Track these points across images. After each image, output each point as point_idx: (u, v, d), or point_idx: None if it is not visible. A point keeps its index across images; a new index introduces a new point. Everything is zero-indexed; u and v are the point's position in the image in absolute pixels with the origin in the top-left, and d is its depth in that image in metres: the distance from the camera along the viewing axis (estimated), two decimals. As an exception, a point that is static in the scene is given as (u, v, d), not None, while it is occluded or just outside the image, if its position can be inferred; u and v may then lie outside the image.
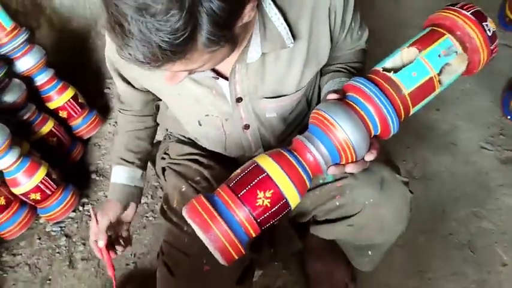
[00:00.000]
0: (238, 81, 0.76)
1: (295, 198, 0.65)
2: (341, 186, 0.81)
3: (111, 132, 1.74)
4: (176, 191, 0.89)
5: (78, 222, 1.44)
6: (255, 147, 0.91)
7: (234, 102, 0.80)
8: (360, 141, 0.64)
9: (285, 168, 0.64)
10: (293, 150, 0.67)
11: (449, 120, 1.68)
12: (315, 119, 0.68)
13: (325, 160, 0.67)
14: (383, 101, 0.64)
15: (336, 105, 0.66)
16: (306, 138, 0.67)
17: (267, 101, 0.81)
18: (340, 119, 0.63)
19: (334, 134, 0.64)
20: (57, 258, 1.35)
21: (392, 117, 0.64)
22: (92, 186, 1.55)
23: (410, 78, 0.64)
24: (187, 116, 0.89)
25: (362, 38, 0.90)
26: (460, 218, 1.40)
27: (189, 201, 0.65)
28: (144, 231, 1.39)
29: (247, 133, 0.87)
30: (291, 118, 0.91)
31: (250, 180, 0.64)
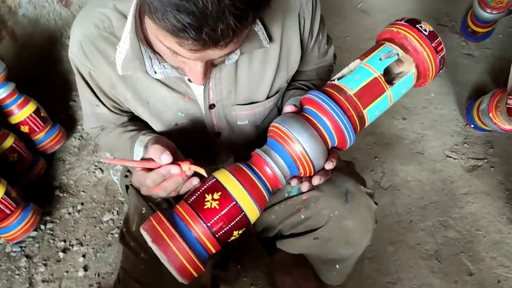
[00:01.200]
0: (212, 86, 0.77)
1: (255, 212, 0.67)
2: (306, 199, 0.83)
3: (76, 146, 1.71)
4: (137, 213, 0.88)
5: (40, 242, 1.41)
6: (226, 156, 0.92)
7: (207, 108, 0.81)
8: (316, 151, 0.66)
9: (243, 182, 0.65)
10: (252, 164, 0.69)
11: (416, 129, 1.73)
12: (273, 132, 0.70)
13: (283, 173, 0.68)
14: (332, 107, 0.66)
15: (292, 118, 0.68)
16: (263, 152, 0.69)
17: (239, 108, 0.83)
18: (296, 131, 0.66)
19: (290, 146, 0.66)
20: (16, 281, 1.31)
21: (343, 121, 0.66)
22: (55, 203, 1.52)
23: (353, 81, 0.68)
24: (156, 124, 0.87)
25: (328, 52, 0.93)
26: (427, 227, 1.44)
27: (147, 219, 0.65)
28: (109, 249, 1.38)
29: (218, 142, 0.88)
30: (263, 126, 0.92)
31: (209, 195, 0.65)
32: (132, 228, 0.86)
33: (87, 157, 1.67)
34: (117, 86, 0.80)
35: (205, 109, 0.82)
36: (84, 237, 1.42)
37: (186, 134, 0.87)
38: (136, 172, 0.67)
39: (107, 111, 0.87)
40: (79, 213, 1.49)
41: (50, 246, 1.40)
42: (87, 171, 1.62)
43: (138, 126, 0.90)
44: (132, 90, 0.80)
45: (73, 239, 1.41)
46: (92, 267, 1.33)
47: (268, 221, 0.88)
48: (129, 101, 0.82)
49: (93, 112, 0.88)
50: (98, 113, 0.88)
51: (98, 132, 0.94)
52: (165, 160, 0.64)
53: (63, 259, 1.36)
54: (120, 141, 0.87)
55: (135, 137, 0.83)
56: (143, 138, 0.80)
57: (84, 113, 0.91)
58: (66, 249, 1.39)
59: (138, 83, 0.79)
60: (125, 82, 0.79)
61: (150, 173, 0.65)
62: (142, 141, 0.79)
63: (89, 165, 1.64)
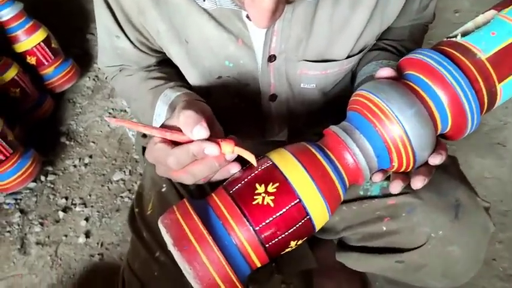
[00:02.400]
0: (277, 30, 0.60)
1: (323, 216, 0.49)
2: (394, 205, 0.63)
3: (89, 87, 1.56)
4: (154, 190, 0.70)
5: (38, 196, 1.28)
6: (279, 127, 0.74)
7: (265, 60, 0.63)
8: (422, 138, 0.48)
9: (312, 172, 0.47)
10: (325, 147, 0.50)
11: (498, 115, 1.52)
12: (359, 104, 0.50)
13: (369, 164, 0.50)
14: (454, 75, 0.47)
15: (390, 86, 0.49)
16: (344, 131, 0.50)
17: (307, 66, 0.65)
18: (396, 105, 0.47)
19: (385, 127, 0.48)
20: (6, 239, 1.19)
21: (467, 97, 0.48)
22: (59, 152, 1.39)
23: (487, 39, 0.49)
24: (193, 74, 0.69)
25: (429, 7, 0.73)
26: (507, 240, 1.24)
27: (168, 209, 0.48)
28: (117, 215, 1.23)
29: (272, 107, 0.70)
30: (331, 94, 0.74)
31: (261, 186, 0.47)
32: (147, 210, 0.68)
33: (101, 102, 1.52)
34: (148, 13, 0.61)
35: (262, 61, 0.63)
36: (89, 197, 1.28)
37: (231, 92, 0.69)
38: (154, 143, 0.48)
39: (130, 46, 0.69)
40: (86, 167, 1.35)
41: (49, 202, 1.27)
42: (100, 118, 1.47)
43: (167, 74, 0.71)
44: (167, 22, 0.61)
45: (76, 198, 1.28)
46: (95, 234, 1.19)
47: (328, 222, 0.70)
48: (161, 35, 0.64)
49: (112, 45, 0.71)
50: (117, 47, 0.70)
51: (114, 73, 0.77)
52: (200, 134, 0.46)
53: (62, 220, 1.23)
54: (141, 91, 0.69)
55: (160, 88, 0.65)
56: (170, 94, 0.62)
57: (100, 45, 0.74)
58: (67, 209, 1.25)
59: (177, 12, 0.60)
60: (159, 8, 0.60)
61: (175, 149, 0.46)
62: (168, 97, 0.61)
63: (103, 111, 1.49)
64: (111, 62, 0.75)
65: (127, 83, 0.74)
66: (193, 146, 0.46)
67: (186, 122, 0.47)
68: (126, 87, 0.74)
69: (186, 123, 0.47)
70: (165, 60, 0.74)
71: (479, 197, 0.64)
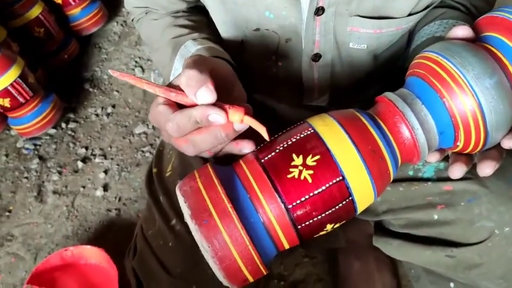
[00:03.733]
0: None
1: (367, 198, 0.43)
2: (452, 191, 0.55)
3: (116, 33, 1.51)
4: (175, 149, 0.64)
5: (58, 143, 1.26)
6: (320, 91, 0.67)
7: (312, 13, 0.56)
8: (499, 114, 0.40)
9: (360, 145, 0.41)
10: (377, 117, 0.43)
11: None
12: (424, 68, 0.43)
13: (429, 141, 0.43)
14: None
15: (467, 49, 0.41)
16: (403, 100, 0.43)
17: (359, 22, 0.57)
18: (473, 74, 0.39)
19: (456, 98, 0.40)
20: (23, 185, 1.18)
21: None
22: (82, 99, 1.35)
23: None
24: (226, 24, 0.62)
25: None
26: None
27: (189, 174, 0.43)
28: (136, 170, 1.20)
29: (314, 68, 0.63)
30: (383, 58, 0.65)
31: (298, 157, 0.41)
32: (166, 171, 0.63)
33: (127, 49, 1.46)
34: None
35: (308, 14, 0.56)
36: (110, 149, 1.25)
37: (269, 48, 0.61)
38: (156, 105, 0.42)
39: None
40: (108, 117, 1.31)
41: (69, 151, 1.24)
42: (126, 66, 1.43)
43: (195, 23, 0.64)
44: None
45: (96, 148, 1.25)
46: (114, 187, 1.17)
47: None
48: None
49: None
50: None
51: (140, 16, 0.70)
52: (204, 98, 0.39)
53: (81, 170, 1.20)
54: (162, 40, 0.62)
55: (182, 39, 0.58)
56: (190, 46, 0.55)
57: None
58: (86, 159, 1.23)
59: None
60: None
61: (176, 114, 0.40)
62: (188, 50, 0.55)
63: (129, 59, 1.44)
64: (138, 3, 0.68)
65: (151, 27, 0.67)
66: (195, 111, 0.39)
67: (188, 84, 0.40)
68: (150, 33, 0.68)
69: (188, 85, 0.40)
70: (197, 7, 0.66)
71: None
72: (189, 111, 0.40)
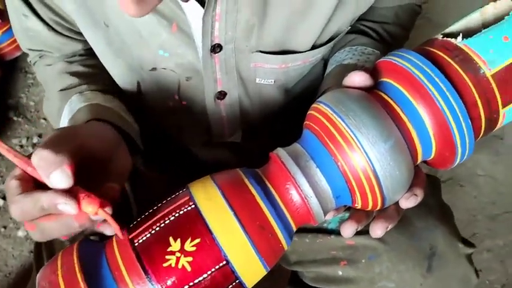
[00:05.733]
0: (221, 13, 0.48)
1: (258, 275, 0.38)
2: (353, 246, 0.53)
3: (43, 56, 1.41)
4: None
5: (-23, 180, 1.16)
6: (230, 129, 0.63)
7: (208, 51, 0.51)
8: (396, 181, 0.37)
9: (247, 222, 0.36)
10: (267, 181, 0.39)
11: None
12: (316, 122, 0.39)
13: (324, 207, 0.39)
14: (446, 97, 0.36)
15: (361, 105, 0.37)
16: (295, 162, 0.38)
17: (262, 58, 0.53)
18: (367, 137, 0.36)
19: (349, 162, 0.37)
20: None
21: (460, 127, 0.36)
22: (6, 129, 1.26)
23: (498, 46, 0.37)
24: (118, 67, 0.57)
25: None
26: (496, 248, 1.16)
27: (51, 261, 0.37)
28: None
29: (221, 106, 0.59)
30: (296, 90, 0.62)
31: (176, 241, 0.36)
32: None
33: (55, 73, 1.37)
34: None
35: (203, 52, 0.51)
36: (36, 183, 1.16)
37: (169, 88, 0.57)
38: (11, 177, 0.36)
39: (43, 27, 0.56)
40: (34, 148, 1.22)
41: (-9, 188, 1.15)
42: (53, 92, 1.34)
43: (90, 68, 0.59)
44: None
45: (20, 183, 1.16)
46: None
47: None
48: (73, 16, 0.52)
49: (21, 26, 0.58)
50: (29, 28, 0.57)
51: (35, 59, 0.63)
52: (57, 182, 0.35)
53: (2, 208, 1.11)
54: (53, 90, 0.57)
55: (70, 92, 0.54)
56: (75, 102, 0.51)
57: (13, 28, 0.61)
58: (9, 196, 1.14)
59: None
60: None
61: (22, 196, 0.34)
62: (72, 107, 0.50)
63: (57, 84, 1.35)
64: (32, 45, 0.62)
65: (45, 74, 0.61)
66: (44, 197, 0.34)
67: (40, 165, 0.35)
68: (43, 79, 0.62)
69: (39, 166, 0.35)
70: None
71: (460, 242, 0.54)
72: (37, 196, 0.34)
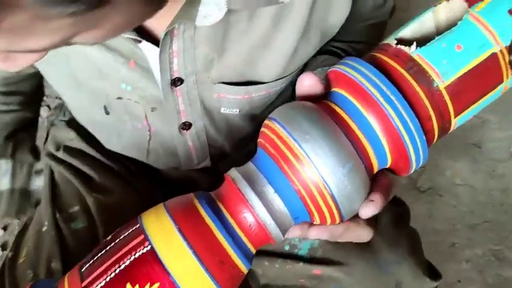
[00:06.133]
0: (178, 50, 0.48)
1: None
2: (319, 276, 0.53)
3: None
4: (36, 226, 0.59)
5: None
6: (198, 157, 0.63)
7: (168, 84, 0.51)
8: (354, 200, 0.36)
9: (207, 259, 0.34)
10: (223, 206, 0.37)
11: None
12: (270, 142, 0.37)
13: (279, 223, 0.37)
14: (397, 108, 0.35)
15: (313, 122, 0.36)
16: (245, 180, 0.37)
17: (225, 88, 0.53)
18: (324, 161, 0.34)
19: (303, 181, 0.35)
20: None
21: (413, 138, 0.36)
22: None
23: (451, 56, 0.36)
24: (83, 97, 0.57)
25: (386, 4, 0.62)
26: (475, 258, 1.16)
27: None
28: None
29: (187, 136, 0.58)
30: (263, 117, 0.62)
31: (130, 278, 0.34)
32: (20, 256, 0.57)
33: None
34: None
35: (164, 86, 0.51)
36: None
37: (137, 116, 0.57)
38: None
39: None
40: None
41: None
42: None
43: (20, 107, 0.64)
44: None
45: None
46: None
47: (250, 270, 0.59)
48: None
49: None
50: None
51: None
52: None
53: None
54: None
55: None
56: None
57: None
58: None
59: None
60: None
61: None
62: None
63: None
64: None
65: None
66: None
67: None
68: None
69: None
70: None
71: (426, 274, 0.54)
72: None
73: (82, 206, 0.59)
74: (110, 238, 0.37)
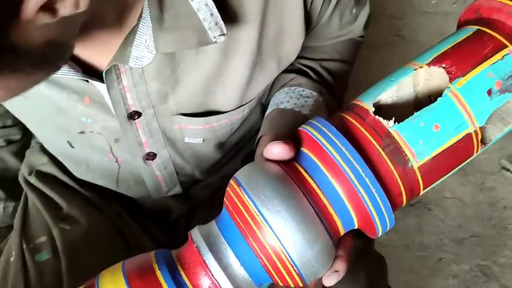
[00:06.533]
0: (129, 86, 0.48)
1: None
2: None
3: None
4: (6, 255, 0.59)
5: None
6: (167, 186, 0.62)
7: (125, 118, 0.51)
8: (317, 271, 0.36)
9: None
10: (181, 265, 0.37)
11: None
12: (229, 200, 0.37)
13: (238, 286, 0.36)
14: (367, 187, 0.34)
15: (269, 179, 0.36)
16: (206, 243, 0.36)
17: (185, 120, 0.53)
18: (273, 211, 0.34)
19: (258, 239, 0.35)
20: None
21: (382, 213, 0.35)
22: None
23: (427, 136, 0.36)
24: (47, 133, 0.58)
25: (357, 20, 0.59)
26: (462, 273, 1.14)
27: None
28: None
29: (153, 165, 0.58)
30: (229, 144, 0.61)
31: None
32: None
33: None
34: None
35: (121, 119, 0.51)
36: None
37: (101, 149, 0.56)
38: None
39: None
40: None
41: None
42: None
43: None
44: None
45: None
46: None
47: None
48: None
49: None
50: None
51: None
52: None
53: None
54: None
55: None
56: None
57: None
58: None
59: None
60: None
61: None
62: None
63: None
64: None
65: None
66: None
67: None
68: None
69: None
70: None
71: None
72: None
73: (49, 236, 0.59)
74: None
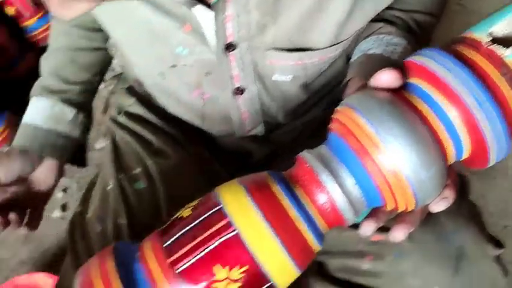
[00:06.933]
0: (232, 14, 0.48)
1: (289, 276, 0.36)
2: (380, 242, 0.52)
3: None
4: (100, 187, 0.61)
5: None
6: (251, 123, 0.63)
7: (222, 49, 0.51)
8: (431, 196, 0.36)
9: (274, 222, 0.34)
10: (295, 184, 0.37)
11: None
12: (341, 124, 0.37)
13: (354, 206, 0.36)
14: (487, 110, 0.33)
15: (383, 105, 0.35)
16: (320, 163, 0.36)
17: (278, 55, 0.53)
18: (390, 133, 0.34)
19: (374, 160, 0.34)
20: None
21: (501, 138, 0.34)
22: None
23: None
24: (141, 60, 0.59)
25: None
26: None
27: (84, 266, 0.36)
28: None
29: (240, 101, 0.59)
30: (316, 85, 0.61)
31: (205, 242, 0.34)
32: (88, 211, 0.60)
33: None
34: None
35: (218, 50, 0.52)
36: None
37: (191, 83, 0.58)
38: None
39: None
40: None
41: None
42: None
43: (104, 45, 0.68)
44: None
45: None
46: (73, 207, 1.12)
47: None
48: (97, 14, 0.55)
49: None
50: None
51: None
52: None
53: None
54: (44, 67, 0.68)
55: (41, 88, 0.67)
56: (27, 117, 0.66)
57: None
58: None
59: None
60: None
61: None
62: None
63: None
64: None
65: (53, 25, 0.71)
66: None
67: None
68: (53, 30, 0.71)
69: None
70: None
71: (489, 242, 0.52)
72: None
73: (143, 168, 0.61)
74: (188, 216, 0.37)
